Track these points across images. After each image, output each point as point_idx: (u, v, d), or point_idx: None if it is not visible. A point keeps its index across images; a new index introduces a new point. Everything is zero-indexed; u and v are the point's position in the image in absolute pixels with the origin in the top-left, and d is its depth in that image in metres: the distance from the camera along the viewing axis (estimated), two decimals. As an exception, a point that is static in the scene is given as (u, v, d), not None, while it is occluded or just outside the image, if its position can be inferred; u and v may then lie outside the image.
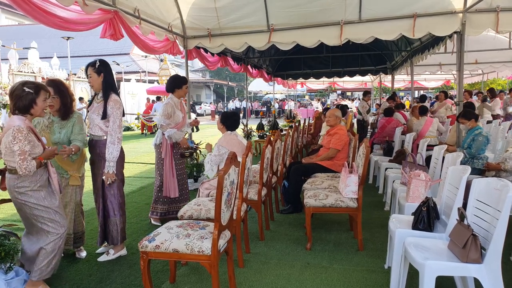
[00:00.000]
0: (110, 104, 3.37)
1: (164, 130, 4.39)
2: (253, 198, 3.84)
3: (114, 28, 4.39)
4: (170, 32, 5.65)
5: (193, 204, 3.44)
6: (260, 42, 5.86)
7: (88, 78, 3.46)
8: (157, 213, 4.51)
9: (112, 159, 3.33)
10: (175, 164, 4.46)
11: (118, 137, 3.35)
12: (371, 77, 15.26)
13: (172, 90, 4.51)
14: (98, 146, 3.45)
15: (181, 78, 4.59)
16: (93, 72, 3.41)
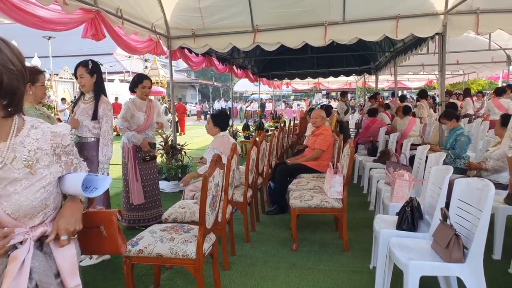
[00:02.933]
0: (102, 106, 3.37)
1: (122, 133, 4.24)
2: (238, 199, 3.81)
3: (96, 28, 4.32)
4: (154, 32, 5.59)
5: (178, 206, 3.40)
6: (244, 43, 5.85)
7: (78, 78, 3.37)
8: (125, 220, 4.28)
9: (107, 161, 3.31)
10: (140, 169, 4.21)
11: (111, 138, 3.37)
12: (355, 77, 15.40)
13: (132, 90, 4.31)
14: (86, 149, 3.40)
15: (139, 77, 4.30)
16: (85, 73, 3.35)
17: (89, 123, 3.36)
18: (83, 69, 3.34)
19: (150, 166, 4.35)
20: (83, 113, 3.35)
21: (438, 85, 16.22)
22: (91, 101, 3.40)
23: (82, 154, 3.35)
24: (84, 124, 3.38)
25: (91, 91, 3.43)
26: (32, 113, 2.81)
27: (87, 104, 3.39)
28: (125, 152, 4.21)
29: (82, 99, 3.45)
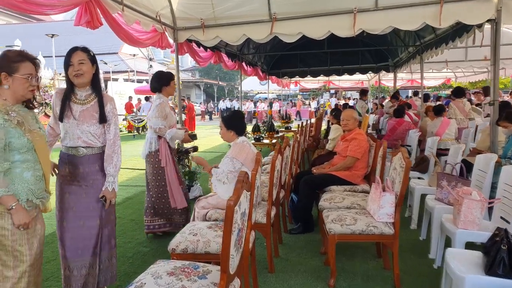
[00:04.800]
0: (108, 104, 2.60)
1: (163, 133, 3.90)
2: (260, 221, 3.12)
3: (91, 14, 3.68)
4: (158, 22, 4.90)
5: (188, 233, 2.71)
6: (260, 34, 5.14)
7: (75, 66, 2.47)
8: (155, 226, 4.09)
9: (116, 173, 2.62)
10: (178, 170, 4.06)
11: (119, 145, 2.68)
12: (368, 75, 14.63)
13: (160, 88, 3.97)
14: (99, 161, 2.65)
15: (167, 74, 4.08)
16: (87, 59, 2.51)
17: (97, 129, 2.56)
18: (84, 54, 2.50)
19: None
20: (87, 118, 2.53)
21: (455, 83, 15.42)
22: (92, 100, 2.57)
23: (92, 168, 2.58)
24: (89, 131, 2.54)
25: (88, 86, 2.59)
26: None
27: (87, 105, 2.55)
28: (163, 156, 3.91)
29: (73, 99, 2.54)
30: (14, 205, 1.97)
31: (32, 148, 2.05)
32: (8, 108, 2.02)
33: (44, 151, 2.13)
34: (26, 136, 2.01)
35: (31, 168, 2.06)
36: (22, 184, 2.03)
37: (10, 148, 1.99)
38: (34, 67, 2.08)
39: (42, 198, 2.12)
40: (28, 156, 2.05)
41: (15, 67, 2.00)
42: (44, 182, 2.15)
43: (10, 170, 2.00)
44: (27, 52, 2.10)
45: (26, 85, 2.04)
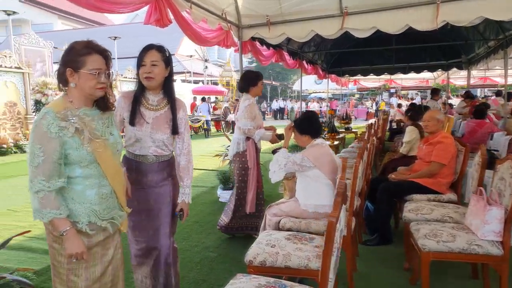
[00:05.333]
0: (181, 111, 2.39)
1: (252, 134, 3.83)
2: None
3: (161, 12, 3.61)
4: (224, 20, 4.78)
5: (265, 244, 2.50)
6: (330, 29, 4.86)
7: (147, 67, 2.23)
8: (233, 228, 4.03)
9: (190, 185, 2.46)
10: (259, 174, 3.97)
11: (191, 153, 2.49)
12: (434, 74, 13.69)
13: (247, 88, 3.87)
14: (170, 168, 2.48)
15: (257, 74, 3.96)
16: (161, 60, 2.25)
17: (169, 138, 2.36)
18: (158, 55, 2.25)
19: None
20: (161, 125, 2.31)
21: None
22: (165, 106, 2.34)
23: (160, 176, 2.38)
24: (163, 140, 2.33)
25: (160, 90, 2.35)
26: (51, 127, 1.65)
27: (160, 111, 2.32)
28: (250, 157, 3.85)
29: (144, 104, 2.32)
30: (65, 231, 1.66)
31: (94, 160, 1.72)
32: (69, 113, 1.68)
33: (110, 163, 1.78)
34: (84, 147, 1.68)
35: (95, 185, 1.74)
36: (84, 204, 1.72)
37: (69, 161, 1.69)
38: (105, 61, 1.77)
39: (110, 219, 1.81)
40: (91, 170, 1.73)
41: (81, 62, 1.70)
42: (114, 199, 1.84)
43: (70, 188, 1.71)
44: (96, 43, 1.78)
45: (93, 82, 1.71)
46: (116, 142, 1.85)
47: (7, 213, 5.22)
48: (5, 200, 5.95)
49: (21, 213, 5.23)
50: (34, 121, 1.70)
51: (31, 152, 1.62)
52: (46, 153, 1.60)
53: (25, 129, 12.03)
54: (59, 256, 1.74)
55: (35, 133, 1.64)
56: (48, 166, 1.61)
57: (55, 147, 1.62)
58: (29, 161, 1.64)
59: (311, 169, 2.96)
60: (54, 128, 1.62)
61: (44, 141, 1.61)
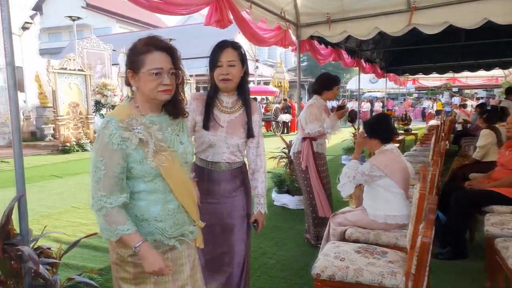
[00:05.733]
0: (256, 114, 2.21)
1: (323, 131, 3.70)
2: (415, 246, 2.61)
3: (221, 12, 3.55)
4: (283, 19, 4.65)
5: (333, 256, 2.34)
6: (395, 26, 4.57)
7: (226, 68, 2.04)
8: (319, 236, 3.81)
9: (265, 193, 2.27)
10: (321, 176, 3.77)
11: (265, 158, 2.31)
12: (506, 71, 12.64)
13: (320, 91, 3.77)
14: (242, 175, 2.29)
15: (333, 78, 3.83)
16: (238, 60, 2.07)
17: (243, 143, 2.20)
18: (234, 53, 2.06)
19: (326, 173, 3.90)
20: (236, 129, 2.14)
21: None
22: (240, 108, 2.17)
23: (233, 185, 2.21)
24: (238, 145, 2.17)
25: (234, 91, 2.17)
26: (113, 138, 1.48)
27: (234, 114, 2.15)
28: (304, 157, 3.74)
29: (219, 107, 2.14)
30: (138, 247, 1.47)
31: (158, 175, 1.53)
32: (133, 121, 1.49)
33: (177, 177, 1.58)
34: (148, 161, 1.49)
35: (160, 201, 1.56)
36: (148, 221, 1.55)
37: (132, 175, 1.52)
38: (169, 59, 1.53)
39: (179, 236, 1.62)
40: (155, 185, 1.55)
41: (140, 61, 1.49)
42: (184, 214, 1.64)
43: (133, 204, 1.54)
44: (159, 38, 1.55)
45: (153, 83, 1.49)
46: (185, 152, 1.64)
47: (71, 210, 5.43)
48: (70, 197, 6.21)
49: (83, 210, 5.42)
50: (97, 131, 1.53)
51: (93, 165, 1.48)
52: (107, 167, 1.45)
53: (86, 128, 12.65)
54: (123, 272, 1.58)
55: (97, 144, 1.49)
56: (109, 181, 1.45)
57: (117, 160, 1.46)
58: (91, 175, 1.48)
59: (381, 178, 2.75)
60: (116, 139, 1.45)
61: (106, 153, 1.45)
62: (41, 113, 13.78)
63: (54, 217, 5.10)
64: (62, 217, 5.09)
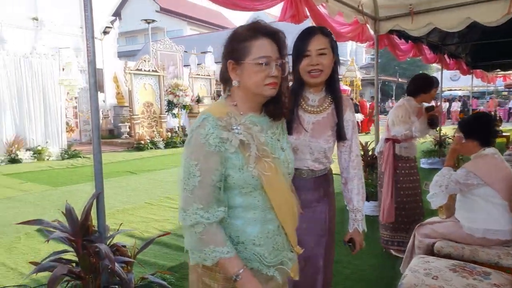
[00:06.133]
0: (349, 112, 1.89)
1: (410, 135, 3.44)
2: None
3: (297, 7, 3.39)
4: (360, 13, 4.35)
5: (423, 272, 2.07)
6: (491, 16, 4.04)
7: (315, 58, 1.75)
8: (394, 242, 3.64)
9: (363, 208, 1.94)
10: (398, 181, 3.50)
11: (361, 165, 1.99)
12: None
13: (416, 93, 3.51)
14: (327, 183, 1.99)
15: (431, 79, 3.57)
16: (329, 47, 1.78)
17: (332, 147, 1.90)
18: (325, 40, 1.77)
19: (412, 179, 3.59)
20: (323, 131, 1.85)
21: None
22: (329, 107, 1.86)
23: (316, 195, 1.91)
24: (324, 150, 1.86)
25: (322, 87, 1.87)
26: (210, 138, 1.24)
27: (321, 114, 1.86)
28: (384, 159, 3.55)
29: (303, 105, 1.86)
30: (239, 275, 1.22)
31: (259, 186, 1.27)
32: (232, 121, 1.26)
33: (279, 190, 1.31)
34: (250, 168, 1.24)
35: (259, 220, 1.29)
36: (244, 244, 1.28)
37: (228, 185, 1.27)
38: (276, 47, 1.28)
39: (279, 265, 1.33)
40: (254, 199, 1.28)
41: (244, 49, 1.25)
42: (283, 236, 1.35)
43: (227, 222, 1.28)
44: (264, 23, 1.29)
45: (260, 75, 1.25)
46: (287, 160, 1.38)
47: (145, 206, 5.60)
48: (143, 193, 6.44)
49: (156, 206, 5.56)
50: (189, 130, 1.29)
51: (186, 170, 1.24)
52: (204, 173, 1.21)
53: (159, 127, 13.19)
54: None
55: (190, 145, 1.25)
56: (205, 190, 1.21)
57: (215, 165, 1.22)
58: (183, 182, 1.24)
59: (479, 186, 2.41)
60: (214, 140, 1.21)
61: (201, 156, 1.21)
62: (118, 112, 14.66)
63: (129, 212, 5.29)
64: (136, 213, 5.26)
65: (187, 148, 1.26)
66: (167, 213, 5.21)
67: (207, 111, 1.28)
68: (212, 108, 1.31)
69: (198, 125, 1.25)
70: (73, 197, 6.07)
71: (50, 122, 10.66)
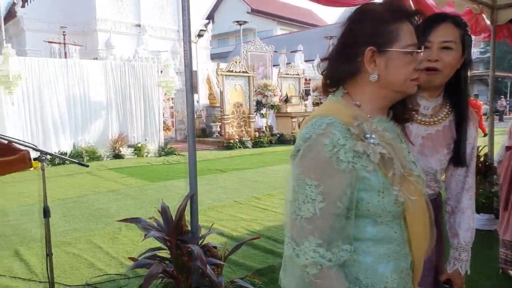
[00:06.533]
0: (472, 127, 1.49)
1: None
2: None
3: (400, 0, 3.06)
4: (475, 2, 3.87)
5: None
6: None
7: (436, 52, 1.40)
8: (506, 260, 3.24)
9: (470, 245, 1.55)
10: None
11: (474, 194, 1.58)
12: None
13: None
14: None
15: None
16: (459, 42, 1.41)
17: (444, 167, 1.52)
18: (455, 32, 1.41)
19: None
20: (436, 148, 1.48)
21: None
22: (445, 118, 1.49)
23: None
24: (436, 170, 1.49)
25: (439, 92, 1.50)
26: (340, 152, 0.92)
27: (435, 127, 1.49)
28: (502, 168, 3.18)
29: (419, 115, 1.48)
30: None
31: (400, 214, 0.99)
32: (364, 126, 0.94)
33: (421, 218, 1.02)
34: (393, 192, 0.95)
35: (393, 256, 0.99)
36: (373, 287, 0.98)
37: (359, 212, 0.97)
38: (415, 32, 0.99)
39: None
40: (391, 230, 0.99)
41: (391, 33, 0.96)
42: (411, 276, 1.05)
43: (353, 259, 0.97)
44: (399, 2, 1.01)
45: (408, 68, 0.98)
46: (422, 177, 1.06)
47: (233, 204, 5.66)
48: (232, 191, 6.53)
49: (245, 205, 5.59)
50: (301, 137, 0.97)
51: (300, 191, 0.93)
52: (327, 198, 0.90)
53: (248, 127, 13.44)
54: None
55: (307, 160, 0.93)
56: (328, 220, 0.91)
57: (344, 187, 0.91)
58: (294, 206, 0.95)
59: None
60: (346, 154, 0.91)
61: (325, 175, 0.91)
62: (210, 112, 15.28)
63: (218, 209, 5.38)
64: (225, 210, 5.33)
65: (302, 162, 0.94)
66: (255, 213, 5.20)
67: (328, 113, 0.96)
68: (334, 110, 0.98)
69: (321, 132, 0.92)
70: (168, 192, 6.40)
71: (149, 121, 11.48)
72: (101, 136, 10.67)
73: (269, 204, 5.58)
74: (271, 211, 5.25)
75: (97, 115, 10.68)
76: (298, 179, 0.94)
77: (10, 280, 3.27)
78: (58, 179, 7.53)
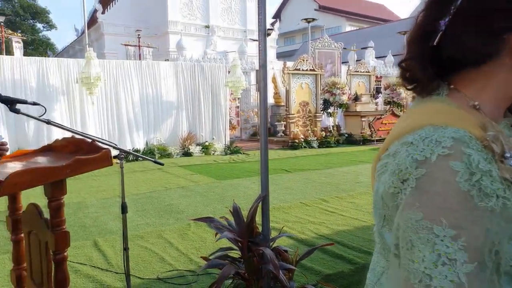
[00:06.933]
0: None
1: None
2: None
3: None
4: None
5: None
6: None
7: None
8: None
9: None
10: None
11: None
12: None
13: None
14: None
15: None
16: None
17: None
18: None
19: None
20: None
21: None
22: None
23: None
24: None
25: None
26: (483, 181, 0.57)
27: None
28: None
29: None
30: None
31: None
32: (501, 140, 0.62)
33: None
34: None
35: None
36: None
37: (498, 264, 0.60)
38: None
39: None
40: None
41: None
42: None
43: None
44: None
45: None
46: None
47: (299, 206, 5.54)
48: (298, 192, 6.41)
49: (311, 207, 5.44)
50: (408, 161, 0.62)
51: (425, 248, 0.58)
52: (475, 255, 0.56)
53: (313, 126, 13.20)
54: None
55: (428, 195, 0.59)
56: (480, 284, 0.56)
57: (493, 236, 0.58)
58: (416, 272, 0.58)
59: None
60: (494, 185, 0.58)
61: (466, 219, 0.57)
62: (275, 111, 15.27)
63: (284, 210, 5.30)
64: (291, 212, 5.24)
65: (421, 200, 0.60)
66: (322, 215, 5.04)
67: (445, 121, 0.64)
68: (451, 116, 0.66)
69: (447, 152, 0.59)
70: (234, 190, 6.44)
71: (216, 120, 11.75)
72: (172, 134, 11.12)
73: (337, 208, 5.39)
74: (339, 214, 5.06)
75: (168, 114, 11.14)
76: (418, 228, 0.59)
77: (91, 269, 3.46)
78: (132, 175, 7.95)
